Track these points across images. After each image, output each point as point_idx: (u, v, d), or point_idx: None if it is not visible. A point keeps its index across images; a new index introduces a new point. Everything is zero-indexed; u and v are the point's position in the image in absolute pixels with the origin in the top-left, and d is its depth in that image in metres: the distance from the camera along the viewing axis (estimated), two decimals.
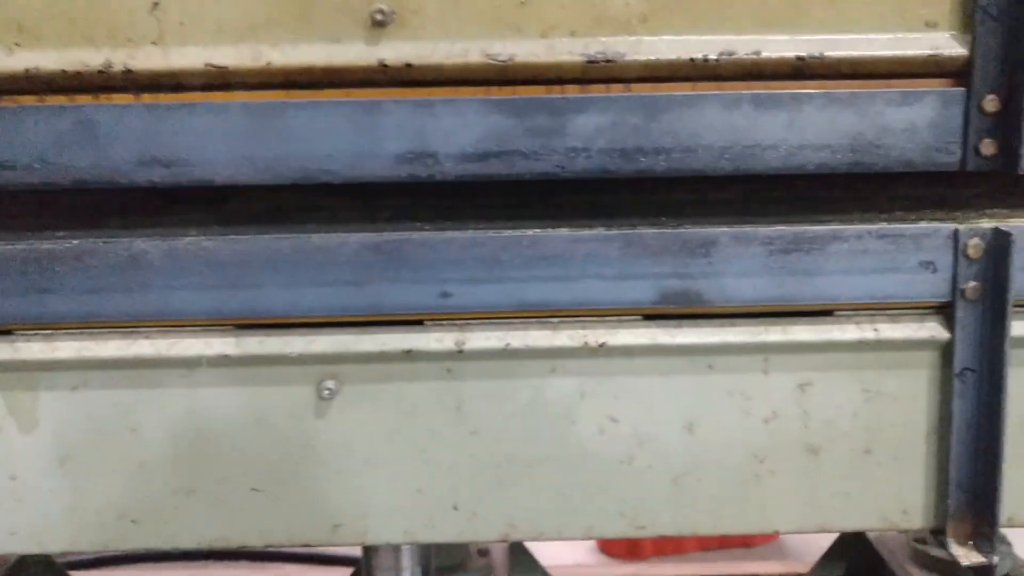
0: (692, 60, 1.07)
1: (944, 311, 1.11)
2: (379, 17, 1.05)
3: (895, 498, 1.16)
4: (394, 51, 1.07)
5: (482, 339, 1.10)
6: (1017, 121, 1.06)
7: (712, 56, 1.07)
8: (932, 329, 1.11)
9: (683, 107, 1.07)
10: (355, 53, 1.07)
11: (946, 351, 1.12)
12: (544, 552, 1.59)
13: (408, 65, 1.07)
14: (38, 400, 1.11)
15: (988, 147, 1.08)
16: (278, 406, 1.12)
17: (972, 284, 1.09)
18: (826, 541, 1.66)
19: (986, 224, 1.08)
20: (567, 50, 1.07)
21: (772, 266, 1.08)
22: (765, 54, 1.08)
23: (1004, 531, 1.25)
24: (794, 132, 1.08)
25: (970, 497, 1.14)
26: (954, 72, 1.09)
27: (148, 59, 1.06)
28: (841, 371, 1.13)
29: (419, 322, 1.11)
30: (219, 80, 1.07)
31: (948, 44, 1.08)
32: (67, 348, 1.09)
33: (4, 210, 1.10)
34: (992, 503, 1.12)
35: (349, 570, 1.59)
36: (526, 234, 1.07)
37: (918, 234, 1.08)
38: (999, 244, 1.07)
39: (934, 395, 1.13)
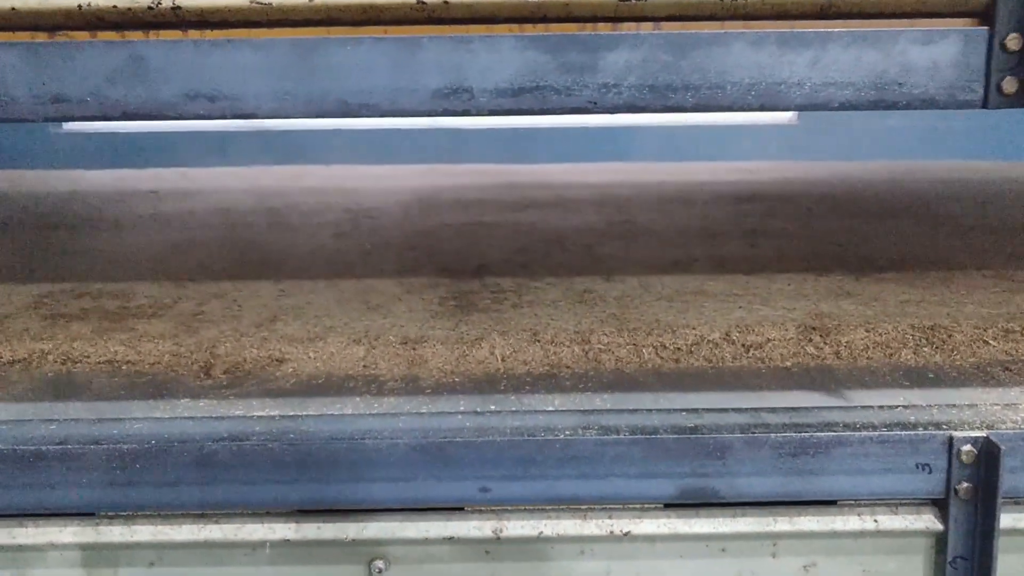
0: None
1: (938, 504, 1.22)
2: None
3: None
4: None
5: (518, 527, 1.22)
6: None
7: None
8: (927, 521, 1.22)
9: (711, 45, 1.11)
10: None
11: (940, 540, 1.22)
12: None
13: (445, 2, 1.10)
14: (118, 575, 1.24)
15: (1010, 85, 1.11)
16: None
17: (965, 485, 1.19)
18: None
19: (977, 433, 1.18)
20: None
21: (781, 467, 1.19)
22: None
23: None
24: (819, 70, 1.12)
25: None
26: (977, 11, 1.11)
27: None
28: (843, 555, 1.24)
29: (460, 508, 1.23)
30: (263, 17, 1.12)
31: None
32: (144, 532, 1.21)
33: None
34: None
35: None
36: (558, 437, 1.18)
37: (915, 439, 1.18)
38: (990, 451, 1.17)
39: None
